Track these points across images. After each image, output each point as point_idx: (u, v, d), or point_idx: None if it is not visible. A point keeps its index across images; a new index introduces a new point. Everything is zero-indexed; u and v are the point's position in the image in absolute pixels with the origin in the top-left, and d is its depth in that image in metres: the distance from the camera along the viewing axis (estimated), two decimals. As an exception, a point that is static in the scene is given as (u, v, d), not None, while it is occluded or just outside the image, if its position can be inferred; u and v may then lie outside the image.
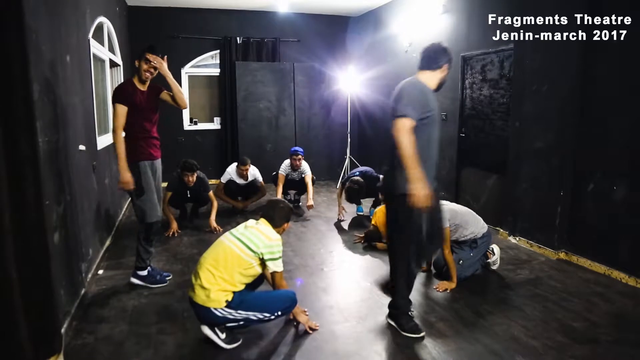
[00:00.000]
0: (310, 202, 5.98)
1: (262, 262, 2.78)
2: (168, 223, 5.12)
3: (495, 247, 4.07)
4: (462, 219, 3.79)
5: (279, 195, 5.96)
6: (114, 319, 3.13)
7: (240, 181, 6.01)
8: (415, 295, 3.51)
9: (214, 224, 5.22)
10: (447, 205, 3.78)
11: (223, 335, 2.74)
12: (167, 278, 3.79)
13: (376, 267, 4.19)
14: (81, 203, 3.52)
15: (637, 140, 3.68)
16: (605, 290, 3.62)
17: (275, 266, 2.79)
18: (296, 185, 6.32)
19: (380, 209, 4.64)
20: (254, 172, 6.04)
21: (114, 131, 3.35)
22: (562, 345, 2.81)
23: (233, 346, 2.76)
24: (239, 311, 2.71)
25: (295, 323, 3.03)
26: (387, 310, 3.15)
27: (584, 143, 4.13)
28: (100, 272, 3.96)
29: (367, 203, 6.07)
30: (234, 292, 2.72)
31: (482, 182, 5.49)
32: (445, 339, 2.89)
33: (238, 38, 7.97)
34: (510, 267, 4.07)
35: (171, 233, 5.04)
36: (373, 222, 4.72)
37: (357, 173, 5.73)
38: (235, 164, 6.02)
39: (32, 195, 2.28)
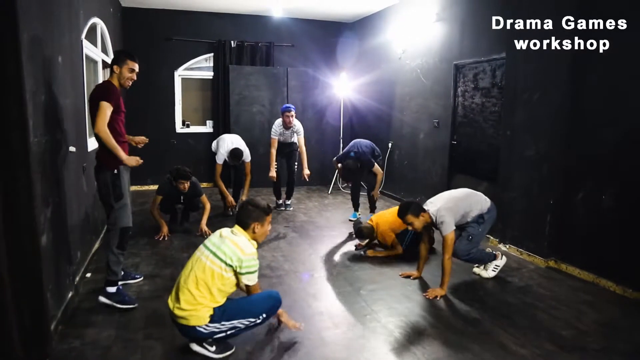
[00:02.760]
0: (307, 171, 6.10)
1: (237, 274, 2.72)
2: (158, 227, 5.09)
3: (504, 258, 4.12)
4: (466, 205, 3.82)
5: (273, 160, 6.10)
6: (101, 324, 3.10)
7: (232, 164, 6.02)
8: (404, 302, 3.52)
9: (204, 227, 5.18)
10: (445, 207, 3.70)
11: (213, 348, 2.71)
12: (139, 279, 3.83)
13: (366, 273, 4.18)
14: (70, 205, 3.48)
15: (627, 149, 3.72)
16: (594, 298, 3.65)
17: (249, 280, 2.72)
18: (289, 150, 6.33)
19: (385, 219, 4.63)
20: (244, 156, 6.00)
21: (103, 128, 3.14)
22: (551, 353, 2.82)
23: (226, 354, 2.74)
24: (223, 322, 2.68)
25: (276, 324, 3.01)
26: (376, 317, 3.14)
27: (574, 152, 4.17)
28: (88, 275, 3.92)
29: (364, 211, 6.07)
30: (214, 308, 2.68)
31: (473, 189, 5.51)
32: (433, 347, 2.88)
33: (232, 42, 7.96)
34: (499, 275, 4.08)
35: (162, 237, 5.01)
36: (372, 224, 4.69)
37: (352, 154, 5.68)
38: (228, 147, 5.91)
39: (24, 197, 2.27)
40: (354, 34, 8.46)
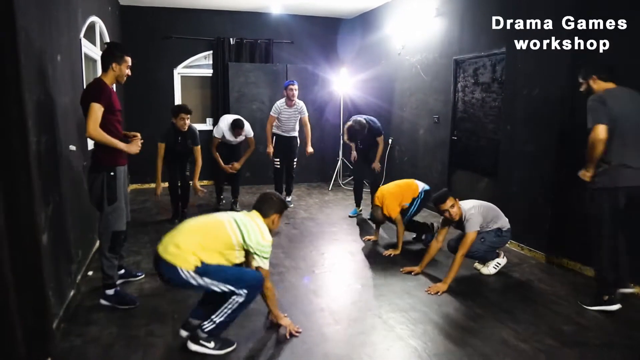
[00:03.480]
0: (310, 149, 6.30)
1: (247, 254, 2.75)
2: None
3: (505, 258, 4.14)
4: (493, 216, 3.95)
5: (269, 135, 6.26)
6: (102, 321, 3.10)
7: (231, 139, 5.95)
8: (405, 298, 3.53)
9: (197, 185, 5.36)
10: (477, 209, 3.84)
11: (211, 345, 2.70)
12: (140, 277, 3.83)
13: (367, 269, 4.19)
14: (71, 204, 3.48)
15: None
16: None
17: (263, 263, 2.77)
18: (288, 146, 6.34)
19: (388, 190, 4.70)
20: (246, 130, 5.99)
21: (94, 131, 3.05)
22: (552, 348, 2.82)
23: (227, 350, 2.74)
24: (204, 278, 2.59)
25: (275, 325, 3.01)
26: (377, 313, 3.15)
27: (575, 146, 4.16)
28: (90, 273, 3.93)
29: (366, 208, 6.08)
30: (202, 262, 2.62)
31: (473, 185, 5.52)
32: (435, 342, 2.89)
33: (231, 39, 7.95)
34: (501, 270, 4.08)
35: (158, 194, 5.25)
36: (378, 202, 4.70)
37: (365, 116, 5.78)
38: (227, 120, 5.90)
39: (24, 196, 2.27)
40: (353, 30, 8.43)
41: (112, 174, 3.23)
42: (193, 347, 2.70)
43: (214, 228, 2.71)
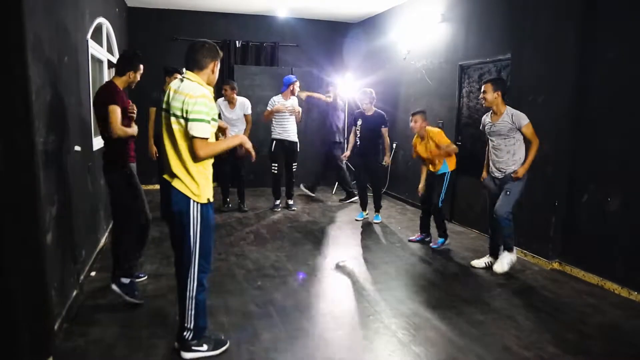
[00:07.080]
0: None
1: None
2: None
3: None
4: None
5: (271, 113, 6.33)
6: (105, 322, 3.11)
7: (228, 112, 6.07)
8: (407, 303, 3.52)
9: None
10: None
11: (204, 347, 2.70)
12: (143, 278, 3.90)
13: (370, 274, 4.18)
14: (75, 204, 3.50)
15: (631, 151, 3.70)
16: (598, 301, 3.63)
17: (195, 130, 2.36)
18: (289, 149, 6.40)
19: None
20: (242, 101, 6.20)
21: (120, 130, 3.23)
22: (554, 356, 2.80)
23: (222, 349, 2.75)
24: (198, 226, 2.53)
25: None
26: (379, 318, 3.14)
27: (579, 154, 4.15)
28: (93, 273, 3.94)
29: (372, 213, 6.07)
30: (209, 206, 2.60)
31: (477, 191, 5.50)
32: (437, 348, 2.88)
33: (237, 41, 7.98)
34: (504, 277, 4.07)
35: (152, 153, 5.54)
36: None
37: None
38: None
39: (29, 196, 2.28)
40: (358, 35, 8.44)
41: (127, 171, 3.45)
42: (187, 355, 2.68)
43: (169, 135, 2.50)
